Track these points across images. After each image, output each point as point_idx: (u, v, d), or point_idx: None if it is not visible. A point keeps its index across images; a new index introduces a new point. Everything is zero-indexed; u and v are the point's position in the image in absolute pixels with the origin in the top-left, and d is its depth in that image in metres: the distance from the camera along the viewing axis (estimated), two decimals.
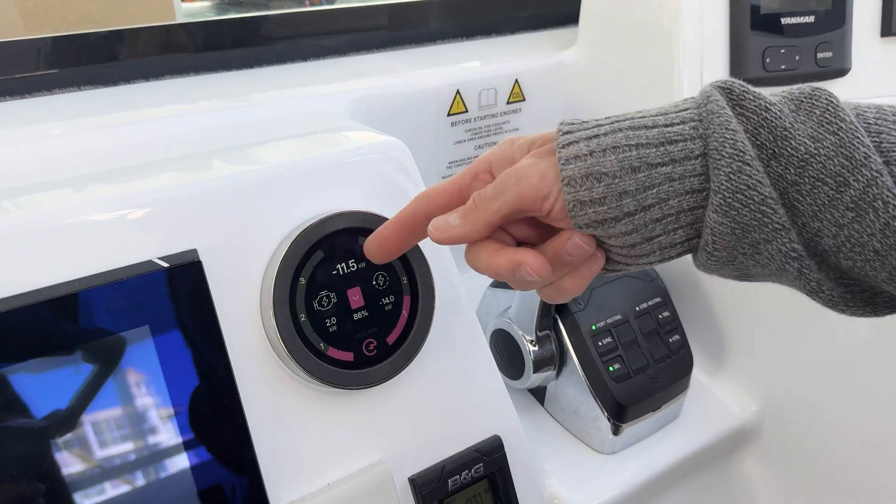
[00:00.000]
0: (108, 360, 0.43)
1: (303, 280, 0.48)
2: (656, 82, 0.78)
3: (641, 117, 0.38)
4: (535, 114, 0.85)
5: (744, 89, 0.36)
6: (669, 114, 0.37)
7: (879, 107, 0.36)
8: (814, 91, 0.36)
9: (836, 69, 0.81)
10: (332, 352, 0.49)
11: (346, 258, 0.50)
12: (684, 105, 0.38)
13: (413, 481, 0.53)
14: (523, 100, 0.83)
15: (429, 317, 0.52)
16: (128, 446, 0.43)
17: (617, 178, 0.36)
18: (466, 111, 0.80)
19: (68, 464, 0.41)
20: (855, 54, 0.82)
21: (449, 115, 0.78)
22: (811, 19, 0.79)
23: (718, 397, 0.77)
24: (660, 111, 0.38)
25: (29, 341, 0.41)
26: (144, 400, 0.44)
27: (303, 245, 0.48)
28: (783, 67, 0.79)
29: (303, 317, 0.48)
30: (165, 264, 0.45)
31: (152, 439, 0.44)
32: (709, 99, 0.36)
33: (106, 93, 0.73)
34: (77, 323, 0.42)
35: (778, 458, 0.76)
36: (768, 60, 0.78)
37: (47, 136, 0.60)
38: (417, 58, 0.89)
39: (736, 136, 0.34)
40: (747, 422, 0.76)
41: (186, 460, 0.44)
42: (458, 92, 0.78)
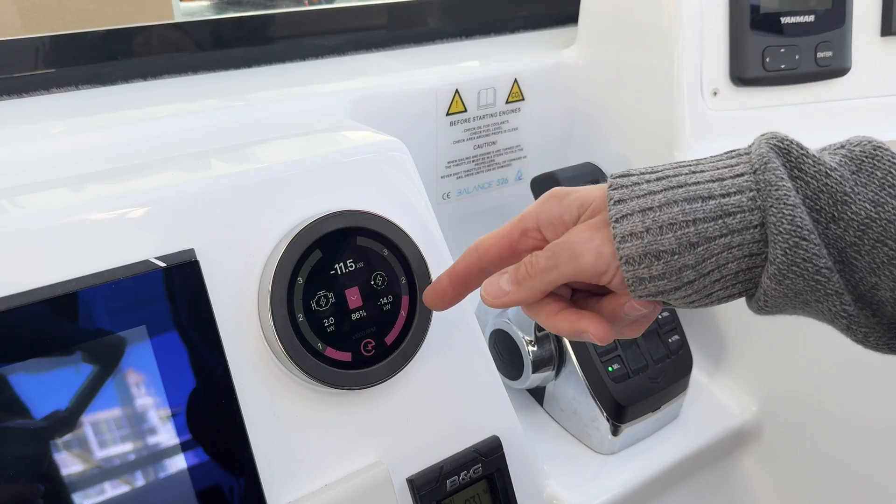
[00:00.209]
0: (103, 360, 0.43)
1: (301, 280, 0.48)
2: (656, 82, 0.78)
3: (696, 184, 0.37)
4: (534, 113, 0.85)
5: (802, 152, 0.36)
6: (725, 180, 0.37)
7: None
8: (876, 150, 0.36)
9: (836, 69, 0.81)
10: (330, 352, 0.49)
11: (345, 258, 0.50)
12: (739, 168, 0.37)
13: (411, 482, 0.52)
14: (522, 99, 0.83)
15: (427, 317, 0.52)
16: (125, 447, 0.43)
17: (676, 255, 0.36)
18: (465, 111, 0.79)
19: (67, 464, 0.41)
20: (855, 54, 0.81)
21: (448, 114, 0.78)
22: (811, 19, 0.79)
23: (718, 397, 0.77)
24: (714, 175, 0.37)
25: (24, 341, 0.41)
26: (141, 400, 0.43)
27: (301, 245, 0.48)
28: (783, 67, 0.79)
29: (300, 317, 0.48)
30: (162, 264, 0.45)
31: (149, 440, 0.43)
32: (766, 167, 0.36)
33: (104, 92, 0.73)
34: (73, 322, 0.42)
35: (778, 458, 0.76)
36: (768, 60, 0.78)
37: (45, 136, 0.60)
38: (416, 57, 0.89)
39: (794, 211, 0.35)
40: (747, 422, 0.76)
41: (184, 461, 0.44)
42: (457, 91, 0.78)
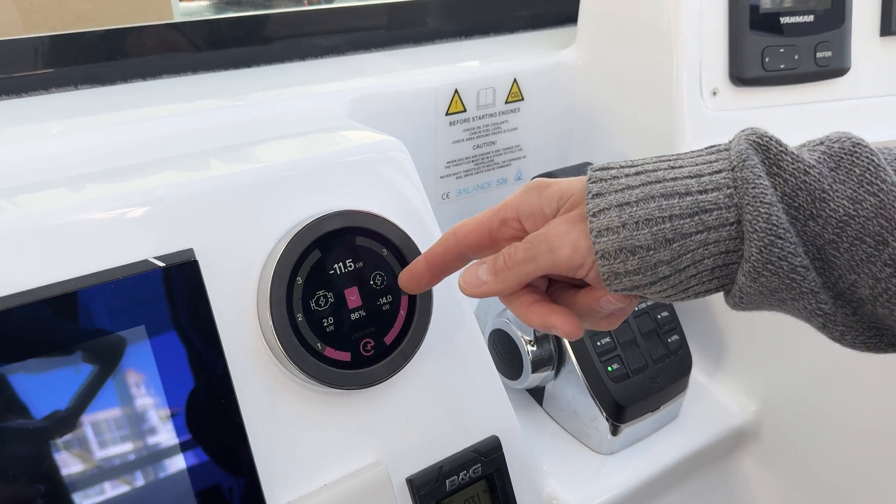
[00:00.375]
0: (102, 360, 0.43)
1: (300, 280, 0.48)
2: (655, 82, 0.78)
3: (674, 180, 0.37)
4: (533, 113, 0.85)
5: (781, 149, 0.36)
6: (703, 177, 0.37)
7: None
8: (855, 147, 0.35)
9: (836, 68, 0.81)
10: (330, 352, 0.48)
11: (344, 258, 0.50)
12: (718, 164, 0.37)
13: (411, 482, 0.52)
14: (522, 99, 0.83)
15: (426, 317, 0.52)
16: (125, 447, 0.43)
17: (651, 251, 0.37)
18: (465, 111, 0.79)
19: (67, 464, 0.41)
20: (854, 54, 0.81)
21: (447, 114, 0.78)
22: (810, 18, 0.79)
23: (717, 397, 0.77)
24: (692, 171, 0.37)
25: (23, 340, 0.40)
26: (141, 400, 0.43)
27: (300, 244, 0.48)
28: (782, 67, 0.78)
29: (300, 317, 0.48)
30: (161, 264, 0.45)
31: (149, 439, 0.43)
32: (744, 164, 0.36)
33: (103, 92, 0.73)
34: (72, 322, 0.42)
35: (777, 458, 0.76)
36: (767, 60, 0.78)
37: (44, 136, 0.60)
38: (416, 57, 0.89)
39: (770, 209, 0.35)
40: (746, 422, 0.76)
41: (183, 461, 0.44)
42: (456, 91, 0.78)
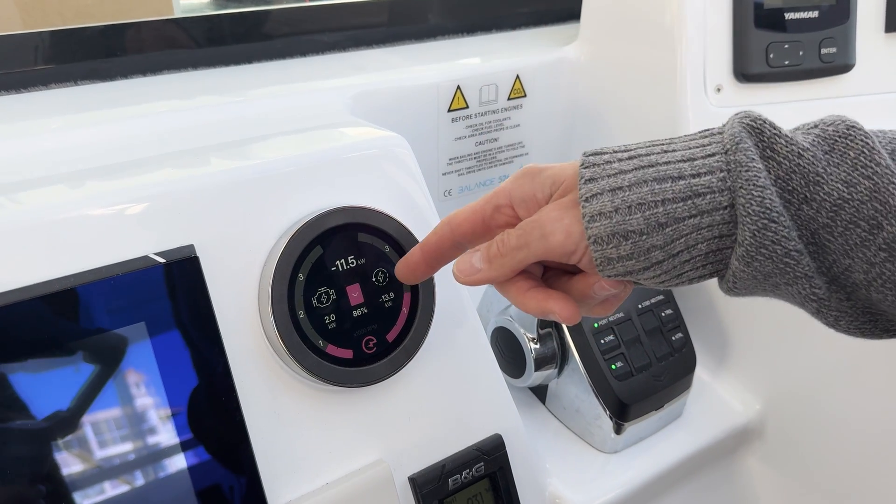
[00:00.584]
0: (102, 357, 0.42)
1: (301, 276, 0.47)
2: (658, 79, 0.78)
3: (667, 164, 0.37)
4: (536, 110, 0.84)
5: (775, 132, 0.36)
6: (696, 160, 0.37)
7: None
8: (849, 130, 0.35)
9: (840, 65, 0.80)
10: (332, 349, 0.48)
11: (346, 254, 0.49)
12: (711, 148, 0.37)
13: (413, 480, 0.52)
14: (524, 96, 0.83)
15: (429, 314, 0.52)
16: (125, 446, 0.42)
17: (644, 235, 0.36)
18: (467, 107, 0.79)
19: (67, 464, 0.41)
20: (859, 50, 0.81)
21: (449, 111, 0.78)
22: (815, 14, 0.79)
23: (721, 396, 0.77)
24: (685, 154, 0.37)
25: (22, 337, 0.40)
26: (141, 399, 0.43)
27: (302, 241, 0.48)
28: (787, 63, 0.78)
29: (301, 314, 0.47)
30: (162, 260, 0.44)
31: (149, 438, 0.43)
32: (738, 147, 0.35)
33: (103, 88, 0.72)
34: (72, 319, 0.42)
35: (781, 456, 0.76)
36: (772, 56, 0.77)
37: (44, 131, 0.59)
38: (418, 53, 0.88)
39: (764, 192, 0.34)
40: (751, 420, 0.75)
41: (184, 460, 0.44)
42: (458, 88, 0.78)
